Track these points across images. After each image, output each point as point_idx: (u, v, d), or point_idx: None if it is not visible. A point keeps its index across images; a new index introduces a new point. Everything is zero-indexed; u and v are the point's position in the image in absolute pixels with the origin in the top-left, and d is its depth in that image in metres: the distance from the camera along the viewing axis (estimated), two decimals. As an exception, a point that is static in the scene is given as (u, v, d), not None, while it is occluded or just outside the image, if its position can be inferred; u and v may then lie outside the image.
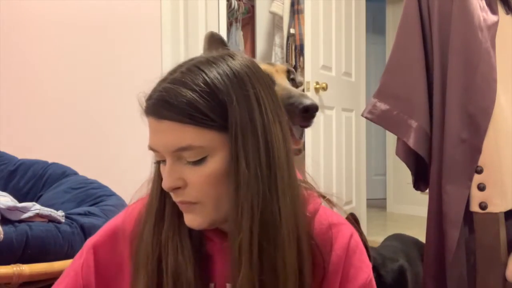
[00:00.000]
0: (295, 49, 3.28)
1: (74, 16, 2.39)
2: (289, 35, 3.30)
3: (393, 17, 4.36)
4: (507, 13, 1.34)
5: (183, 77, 0.69)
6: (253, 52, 3.73)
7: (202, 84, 0.67)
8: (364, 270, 0.78)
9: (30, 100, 2.42)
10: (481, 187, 1.25)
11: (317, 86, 2.80)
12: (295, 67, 3.32)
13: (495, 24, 1.29)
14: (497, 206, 1.25)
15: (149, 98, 0.70)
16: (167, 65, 0.78)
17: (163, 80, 0.71)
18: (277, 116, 0.72)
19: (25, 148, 2.08)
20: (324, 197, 0.83)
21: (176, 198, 0.72)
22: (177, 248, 0.74)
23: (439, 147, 1.32)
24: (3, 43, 2.38)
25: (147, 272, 0.75)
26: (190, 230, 0.75)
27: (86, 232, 1.27)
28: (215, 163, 0.69)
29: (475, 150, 1.25)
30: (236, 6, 3.37)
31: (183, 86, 0.68)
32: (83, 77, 2.38)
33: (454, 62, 1.28)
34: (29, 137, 2.37)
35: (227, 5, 3.01)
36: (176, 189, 0.70)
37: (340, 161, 3.12)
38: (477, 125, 1.25)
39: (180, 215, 0.74)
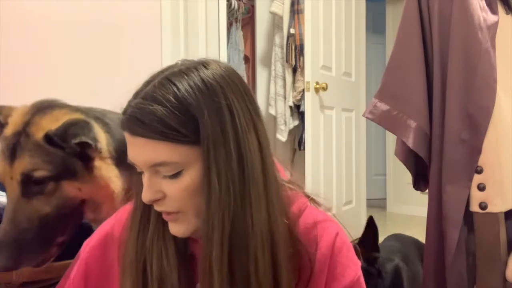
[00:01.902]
0: (295, 49, 3.28)
1: (74, 16, 2.38)
2: (289, 35, 3.30)
3: (393, 17, 4.36)
4: (507, 13, 1.34)
5: (154, 91, 0.69)
6: (253, 52, 3.73)
7: (173, 99, 0.67)
8: (352, 268, 0.78)
9: (30, 100, 2.42)
10: (481, 187, 1.25)
11: (317, 86, 2.80)
12: (295, 67, 3.33)
13: (495, 24, 1.29)
14: (497, 206, 1.25)
15: (124, 112, 0.70)
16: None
17: (137, 94, 0.71)
18: (253, 124, 0.72)
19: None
20: (309, 196, 0.82)
21: (157, 208, 0.73)
22: (162, 252, 0.75)
23: (439, 147, 1.32)
24: (3, 43, 2.38)
25: (132, 277, 0.76)
26: None
27: (86, 232, 1.27)
28: (191, 176, 0.69)
29: (475, 150, 1.25)
30: (236, 6, 3.38)
31: (154, 102, 0.68)
32: (83, 77, 2.38)
33: (454, 62, 1.28)
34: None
35: (227, 5, 3.02)
36: (156, 200, 0.71)
37: (340, 161, 3.12)
38: (477, 125, 1.25)
39: (164, 220, 0.75)
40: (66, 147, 1.02)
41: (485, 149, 1.25)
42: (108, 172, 1.08)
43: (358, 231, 3.85)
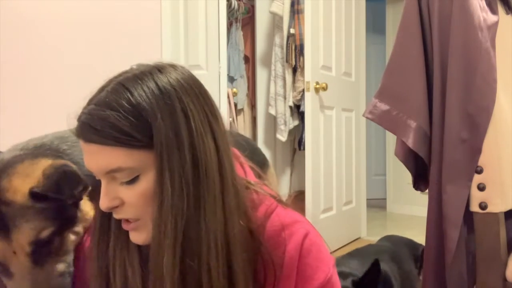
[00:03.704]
0: (295, 49, 3.28)
1: (74, 16, 2.39)
2: (289, 35, 3.31)
3: (393, 17, 4.36)
4: (507, 13, 1.34)
5: (107, 97, 0.69)
6: (253, 52, 3.73)
7: (126, 104, 0.67)
8: (322, 269, 0.76)
9: (30, 100, 2.42)
10: (481, 187, 1.25)
11: (317, 86, 2.80)
12: (295, 67, 3.33)
13: (495, 24, 1.29)
14: (497, 206, 1.25)
15: (78, 119, 0.70)
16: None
17: (90, 100, 0.71)
18: (209, 127, 0.71)
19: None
20: (275, 198, 0.81)
21: (116, 216, 0.72)
22: (125, 261, 0.75)
23: (439, 147, 1.32)
24: (3, 43, 2.38)
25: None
26: None
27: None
28: (148, 181, 0.69)
29: (475, 150, 1.25)
30: (236, 6, 3.38)
31: (107, 107, 0.67)
32: (83, 77, 2.38)
33: (454, 62, 1.28)
34: (29, 138, 2.37)
35: (227, 5, 3.01)
36: (114, 208, 0.71)
37: (340, 161, 3.12)
38: (477, 125, 1.25)
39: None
40: (63, 197, 0.93)
41: (485, 149, 1.25)
42: (86, 207, 1.02)
43: (358, 231, 3.85)
